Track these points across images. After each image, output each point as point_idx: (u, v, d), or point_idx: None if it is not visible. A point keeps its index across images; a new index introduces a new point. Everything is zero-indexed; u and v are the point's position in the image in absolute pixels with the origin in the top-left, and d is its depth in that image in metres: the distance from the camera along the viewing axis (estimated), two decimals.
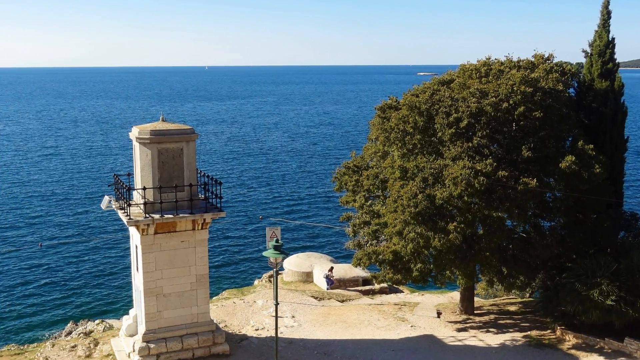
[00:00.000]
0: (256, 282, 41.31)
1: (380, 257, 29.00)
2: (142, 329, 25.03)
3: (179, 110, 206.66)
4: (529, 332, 29.22)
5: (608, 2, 30.07)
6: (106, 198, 25.28)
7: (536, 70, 28.80)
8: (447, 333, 29.32)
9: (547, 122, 27.16)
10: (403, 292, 39.14)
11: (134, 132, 24.11)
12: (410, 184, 27.03)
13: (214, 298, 34.60)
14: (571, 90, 30.69)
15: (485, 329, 29.85)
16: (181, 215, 23.92)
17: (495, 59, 30.98)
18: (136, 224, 23.42)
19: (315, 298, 34.23)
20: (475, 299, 34.44)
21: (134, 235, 25.02)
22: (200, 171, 25.46)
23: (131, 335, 26.25)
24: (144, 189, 23.70)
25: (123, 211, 24.14)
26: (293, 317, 30.69)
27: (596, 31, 30.46)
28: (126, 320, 27.52)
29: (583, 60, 31.10)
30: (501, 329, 30.00)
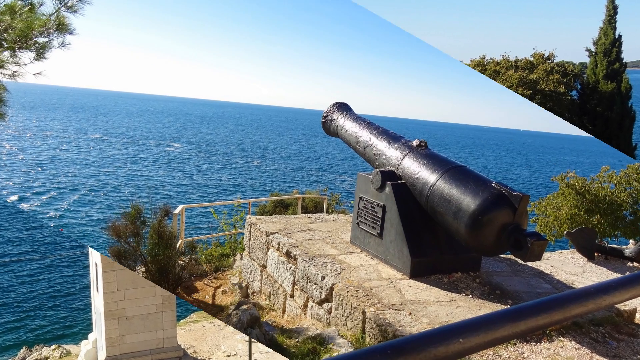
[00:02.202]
0: None
1: None
2: (102, 355, 24.71)
3: None
4: None
5: None
6: None
7: (535, 70, 28.95)
8: None
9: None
10: None
11: None
12: None
13: (181, 321, 34.20)
14: (574, 92, 30.89)
15: None
16: None
17: (491, 59, 31.12)
18: None
19: None
20: None
21: (93, 252, 24.76)
22: None
23: None
24: None
25: None
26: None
27: (601, 28, 30.62)
28: (85, 346, 27.17)
29: (587, 59, 31.29)
30: None
